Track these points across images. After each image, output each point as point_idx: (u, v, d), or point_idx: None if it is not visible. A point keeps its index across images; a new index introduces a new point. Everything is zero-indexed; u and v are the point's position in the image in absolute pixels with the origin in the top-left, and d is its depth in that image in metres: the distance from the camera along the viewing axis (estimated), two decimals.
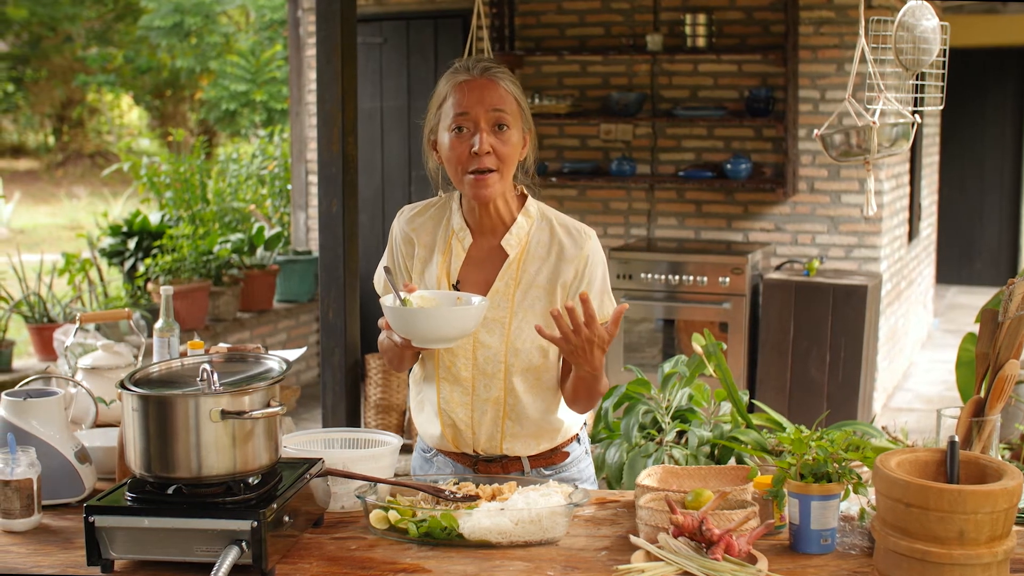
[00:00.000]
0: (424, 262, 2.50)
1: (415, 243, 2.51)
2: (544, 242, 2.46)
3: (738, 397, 3.25)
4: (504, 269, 2.45)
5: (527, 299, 2.44)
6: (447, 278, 2.47)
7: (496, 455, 2.51)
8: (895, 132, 3.46)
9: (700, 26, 6.62)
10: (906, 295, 7.90)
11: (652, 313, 6.44)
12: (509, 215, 2.47)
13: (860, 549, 2.07)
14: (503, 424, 2.47)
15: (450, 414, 2.48)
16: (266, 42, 13.59)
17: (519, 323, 2.42)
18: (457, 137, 2.37)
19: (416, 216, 2.54)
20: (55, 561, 2.04)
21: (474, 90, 2.37)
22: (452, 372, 2.46)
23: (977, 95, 11.38)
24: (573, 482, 2.56)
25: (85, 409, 2.74)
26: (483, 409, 2.46)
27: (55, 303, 6.63)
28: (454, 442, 2.52)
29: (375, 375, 6.46)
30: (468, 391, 2.46)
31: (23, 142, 19.39)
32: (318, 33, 4.74)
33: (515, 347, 2.42)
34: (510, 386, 2.44)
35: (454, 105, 2.37)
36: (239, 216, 8.19)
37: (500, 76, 2.40)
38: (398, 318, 2.24)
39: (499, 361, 2.43)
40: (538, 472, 2.53)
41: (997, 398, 2.16)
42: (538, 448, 2.51)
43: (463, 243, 2.48)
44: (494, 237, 2.48)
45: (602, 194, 7.09)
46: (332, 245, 4.79)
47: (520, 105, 2.42)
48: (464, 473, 2.52)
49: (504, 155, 2.37)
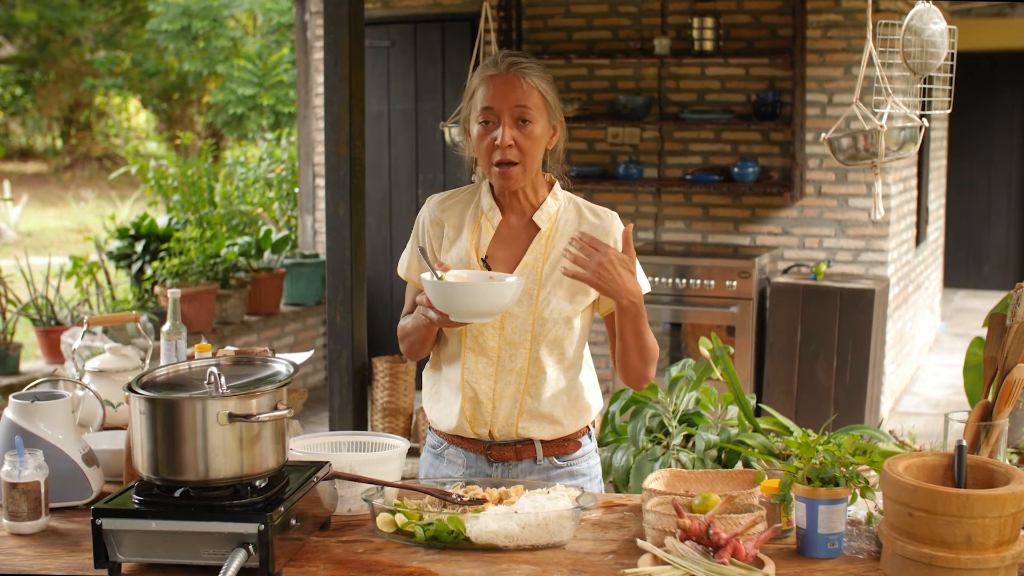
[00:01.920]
0: (453, 241, 2.58)
1: (444, 225, 2.60)
2: (572, 221, 2.58)
3: (745, 401, 3.24)
4: (535, 243, 2.54)
5: (555, 273, 2.52)
6: (476, 253, 2.54)
7: (511, 439, 2.54)
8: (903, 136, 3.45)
9: (708, 29, 6.62)
10: (913, 299, 7.89)
11: (659, 317, 6.43)
12: (537, 197, 2.59)
13: (867, 553, 2.06)
14: (523, 399, 2.52)
15: (473, 385, 2.52)
16: (273, 45, 13.61)
17: (546, 295, 2.51)
18: (484, 129, 2.48)
19: (445, 200, 2.64)
20: (62, 564, 2.05)
21: (499, 85, 2.47)
22: (479, 342, 2.52)
23: (985, 99, 11.37)
24: (584, 476, 2.60)
25: (92, 412, 2.75)
26: (506, 380, 2.52)
27: (63, 306, 6.64)
28: (472, 421, 2.54)
29: (382, 378, 6.46)
30: (493, 361, 2.52)
31: (31, 145, 19.43)
32: (326, 36, 4.75)
33: (542, 317, 2.50)
34: (535, 356, 2.51)
35: (481, 99, 2.48)
36: (246, 219, 8.20)
37: (526, 71, 2.49)
38: (440, 292, 2.30)
39: (526, 331, 2.50)
40: (550, 461, 2.56)
41: (1005, 402, 2.16)
42: (552, 433, 2.55)
43: (492, 221, 2.57)
44: (523, 217, 2.58)
45: (609, 197, 7.09)
46: (339, 248, 4.79)
47: (546, 98, 2.51)
48: (475, 463, 2.56)
49: (526, 148, 2.47)
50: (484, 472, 2.56)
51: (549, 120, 2.52)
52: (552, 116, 2.53)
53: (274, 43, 13.61)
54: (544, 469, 2.56)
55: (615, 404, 3.54)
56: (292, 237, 8.20)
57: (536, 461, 2.55)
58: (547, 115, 2.51)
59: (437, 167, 7.61)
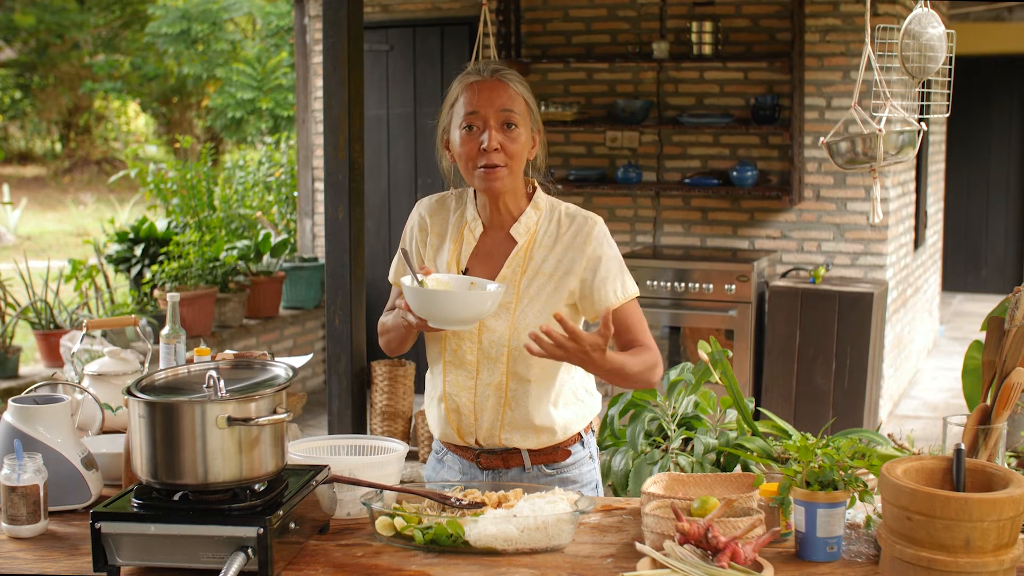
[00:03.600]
0: (436, 249, 2.59)
1: (429, 231, 2.60)
2: (551, 232, 2.55)
3: (744, 404, 3.24)
4: (512, 256, 2.53)
5: (532, 286, 2.51)
6: (456, 265, 2.54)
7: (497, 447, 2.55)
8: (901, 140, 3.45)
9: (706, 34, 6.62)
10: (912, 302, 7.89)
11: (658, 320, 6.44)
12: (518, 209, 2.56)
13: (866, 557, 2.06)
14: (503, 412, 2.52)
15: (455, 398, 2.53)
16: (272, 49, 13.61)
17: (523, 308, 2.50)
18: (468, 134, 2.46)
19: (433, 205, 2.64)
20: (61, 567, 2.05)
21: (484, 90, 2.46)
22: (458, 356, 2.52)
23: (983, 103, 11.38)
24: (575, 484, 2.60)
25: (91, 415, 2.75)
26: (485, 394, 2.51)
27: (62, 309, 6.64)
28: (458, 431, 2.56)
29: (381, 382, 6.46)
30: (472, 375, 2.52)
31: (30, 149, 19.45)
32: (325, 40, 4.75)
33: (519, 331, 2.48)
34: (512, 370, 2.50)
35: (465, 104, 2.47)
36: (245, 223, 8.20)
37: (510, 78, 2.50)
38: (418, 298, 2.30)
39: (503, 345, 2.49)
40: (539, 469, 2.56)
41: (1003, 406, 2.16)
42: (537, 442, 2.54)
43: (474, 233, 2.56)
44: (503, 230, 2.56)
45: (608, 201, 7.10)
46: (338, 252, 4.79)
47: (529, 106, 2.51)
48: (469, 470, 2.57)
49: (513, 152, 2.46)
50: (477, 478, 2.57)
51: (531, 128, 2.52)
52: (534, 124, 2.53)
53: (273, 47, 13.61)
54: (533, 477, 2.56)
55: (614, 408, 3.53)
56: (291, 241, 8.20)
57: (524, 469, 2.56)
58: (530, 122, 2.52)
59: (436, 171, 7.57)
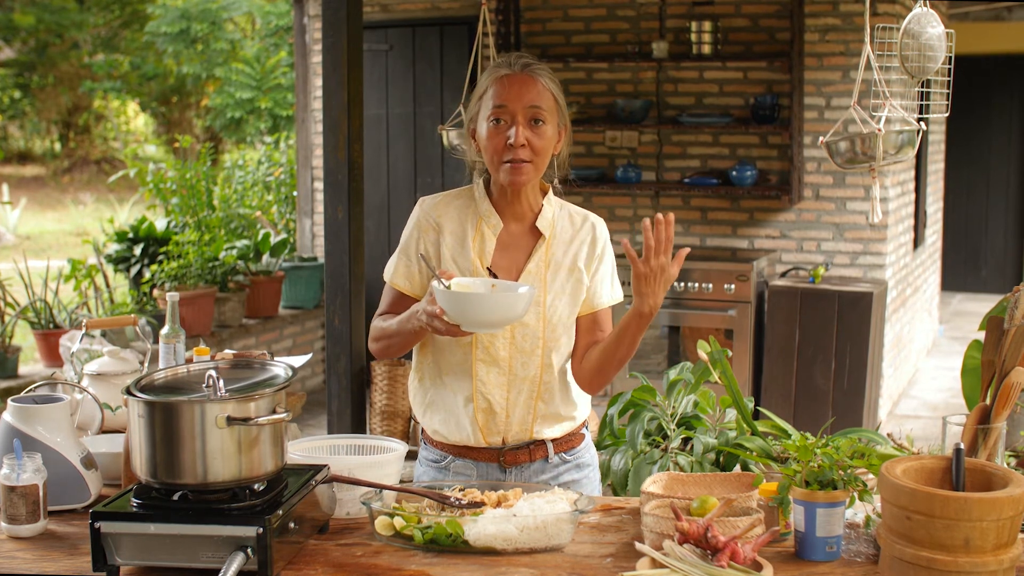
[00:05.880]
0: (454, 249, 2.55)
1: (442, 230, 2.56)
2: (567, 228, 2.60)
3: (743, 404, 3.24)
4: (538, 249, 2.55)
5: (557, 279, 2.55)
6: (481, 261, 2.53)
7: (523, 441, 2.56)
8: (900, 139, 3.46)
9: (706, 33, 6.62)
10: (911, 302, 7.89)
11: (657, 320, 6.43)
12: (537, 203, 2.59)
13: (865, 556, 2.06)
14: (536, 405, 2.54)
15: (487, 396, 2.52)
16: (272, 49, 13.61)
17: (552, 300, 2.54)
18: (495, 127, 2.47)
19: (440, 204, 2.60)
20: (61, 567, 2.05)
21: (513, 85, 2.47)
22: (490, 353, 2.51)
23: (982, 102, 11.38)
24: (588, 466, 2.66)
25: (91, 415, 2.75)
26: (519, 388, 2.53)
27: (61, 309, 6.64)
28: (484, 430, 2.54)
29: (380, 381, 6.46)
30: (505, 371, 2.52)
31: (29, 148, 19.44)
32: (324, 40, 4.75)
33: (551, 323, 2.52)
34: (547, 361, 2.53)
35: (493, 97, 2.47)
36: (245, 222, 8.20)
37: (539, 73, 2.51)
38: (454, 302, 2.27)
39: (537, 338, 2.52)
40: (560, 457, 2.61)
41: (1003, 405, 2.16)
42: (562, 430, 2.60)
43: (493, 229, 2.56)
44: (522, 223, 2.58)
45: (608, 201, 7.10)
46: (338, 252, 4.79)
47: (557, 101, 2.53)
48: (488, 472, 2.56)
49: (539, 148, 2.48)
50: (497, 479, 2.55)
51: (558, 123, 2.53)
52: (560, 120, 2.54)
53: (272, 46, 13.61)
54: (555, 466, 2.60)
55: (613, 407, 3.53)
56: (290, 240, 8.20)
57: (548, 459, 2.59)
58: (557, 118, 2.53)
59: (435, 171, 7.61)
